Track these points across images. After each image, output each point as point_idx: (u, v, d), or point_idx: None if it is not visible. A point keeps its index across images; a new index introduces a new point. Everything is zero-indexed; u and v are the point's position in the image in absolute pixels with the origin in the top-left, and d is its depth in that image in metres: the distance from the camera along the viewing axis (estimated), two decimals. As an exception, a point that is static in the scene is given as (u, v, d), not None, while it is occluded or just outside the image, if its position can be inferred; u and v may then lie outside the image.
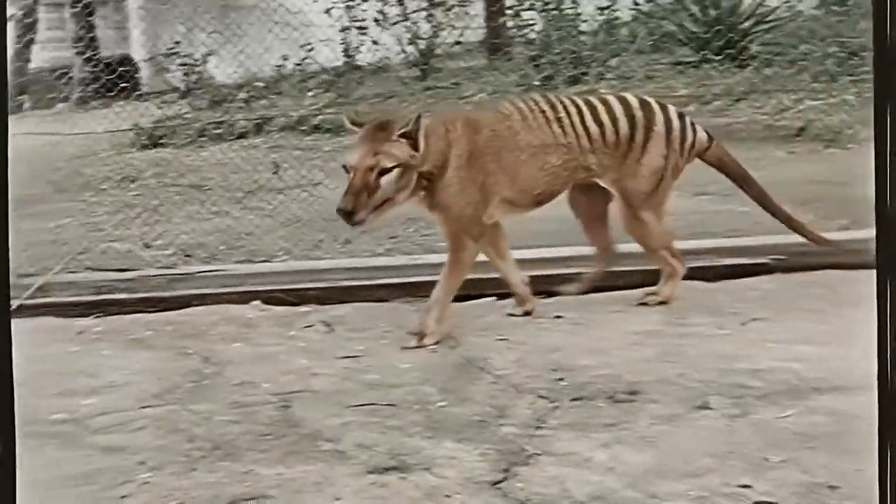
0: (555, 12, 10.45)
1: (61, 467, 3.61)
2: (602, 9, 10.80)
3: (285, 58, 11.48)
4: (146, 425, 3.92)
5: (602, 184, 5.01)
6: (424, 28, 11.41)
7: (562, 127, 4.92)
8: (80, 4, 13.02)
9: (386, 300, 5.37)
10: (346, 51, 11.19)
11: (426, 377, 4.29)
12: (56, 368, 4.56)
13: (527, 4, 10.75)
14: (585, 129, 4.95)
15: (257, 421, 3.93)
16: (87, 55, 12.51)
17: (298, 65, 11.46)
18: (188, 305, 5.17)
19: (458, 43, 11.63)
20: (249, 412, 4.01)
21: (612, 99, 5.12)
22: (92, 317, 5.27)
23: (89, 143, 7.80)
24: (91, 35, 13.01)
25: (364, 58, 11.37)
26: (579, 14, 10.54)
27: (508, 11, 11.19)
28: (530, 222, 5.19)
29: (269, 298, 5.31)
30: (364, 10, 11.12)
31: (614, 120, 5.00)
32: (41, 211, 7.11)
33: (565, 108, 4.98)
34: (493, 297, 5.30)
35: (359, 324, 4.97)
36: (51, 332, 5.08)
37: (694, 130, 5.15)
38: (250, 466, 3.55)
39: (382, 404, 4.03)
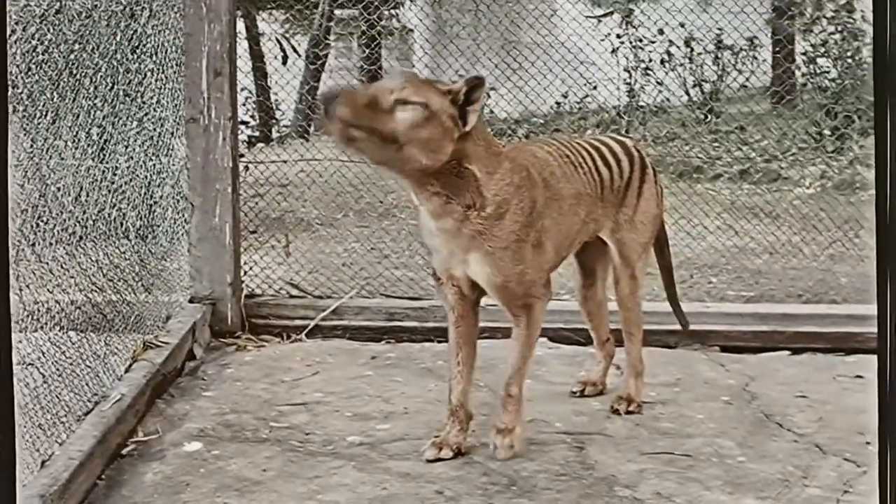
0: (851, 61, 10.14)
1: (359, 490, 3.67)
2: (901, 59, 10.42)
3: (565, 95, 11.50)
4: (440, 455, 3.93)
5: (604, 237, 4.31)
6: (709, 71, 11.24)
7: (584, 174, 4.15)
8: (369, 35, 13.39)
9: (675, 347, 5.27)
10: (629, 91, 11.13)
11: (722, 430, 4.17)
12: (351, 390, 4.65)
13: (822, 52, 10.46)
14: (599, 175, 4.21)
15: (552, 460, 3.89)
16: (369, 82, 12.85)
17: (578, 103, 11.47)
18: (480, 336, 5.17)
19: (743, 87, 11.40)
20: (543, 450, 3.98)
21: (607, 140, 4.40)
22: (383, 342, 5.37)
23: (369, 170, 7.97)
24: (377, 66, 13.36)
25: (646, 98, 11.27)
26: (878, 63, 10.19)
27: (802, 57, 10.91)
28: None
29: (556, 336, 5.29)
30: (650, 52, 11.03)
31: (618, 161, 4.30)
32: (332, 234, 7.30)
33: (579, 152, 4.20)
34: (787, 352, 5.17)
35: (650, 369, 4.88)
36: (345, 354, 5.19)
37: None
38: (544, 505, 3.53)
39: (679, 453, 3.94)
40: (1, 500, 1.85)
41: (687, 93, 11.33)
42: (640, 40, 10.88)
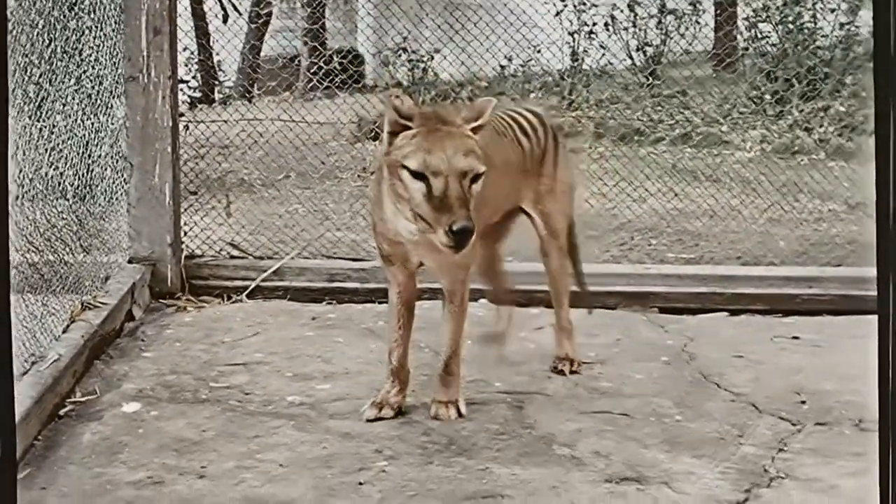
0: (791, 26, 10.18)
1: (298, 450, 3.67)
2: (842, 24, 10.47)
3: (509, 58, 11.49)
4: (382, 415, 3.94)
5: (526, 208, 4.35)
6: (652, 35, 11.27)
7: (508, 144, 4.21)
8: (313, -5, 13.29)
9: (615, 308, 5.30)
10: (573, 54, 11.14)
11: (661, 390, 4.21)
12: (291, 351, 4.64)
13: (763, 16, 10.50)
14: (521, 145, 4.27)
15: (490, 419, 3.91)
16: (315, 46, 12.79)
17: (522, 65, 11.46)
18: (419, 299, 5.18)
19: (686, 52, 11.44)
20: (482, 410, 4.00)
21: (522, 110, 4.41)
22: (324, 303, 5.37)
23: (322, 132, 7.91)
24: (320, 26, 13.28)
25: (590, 62, 11.29)
26: (818, 28, 10.25)
27: (744, 22, 10.95)
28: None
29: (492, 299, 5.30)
30: (593, 16, 11.04)
31: (535, 131, 4.32)
32: (274, 195, 7.27)
33: (501, 122, 4.22)
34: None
35: (590, 330, 4.90)
36: (286, 314, 5.17)
37: None
38: (486, 464, 3.54)
39: (617, 413, 3.98)
40: (1, 500, 1.86)
41: (630, 56, 11.36)
42: (584, 3, 10.89)
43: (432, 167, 3.53)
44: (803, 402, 4.05)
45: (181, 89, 8.08)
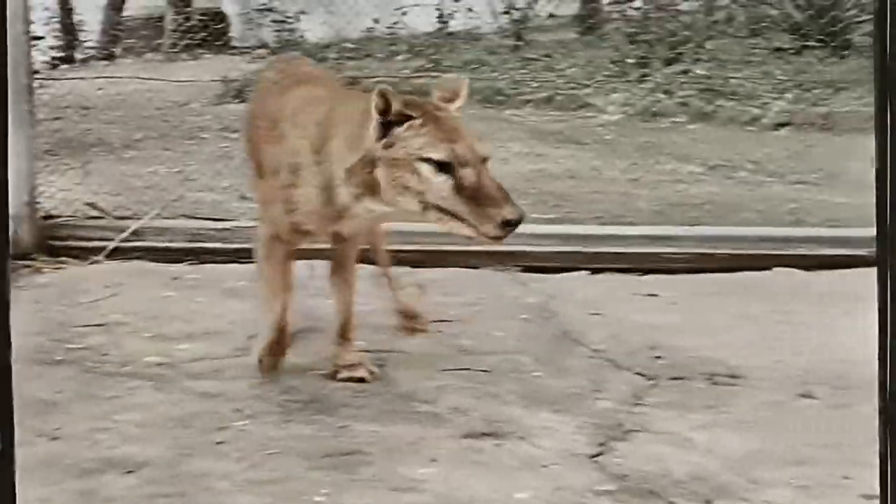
0: (655, -10, 10.36)
1: (157, 410, 3.63)
2: (704, -10, 10.69)
3: (376, 20, 11.47)
4: (241, 374, 3.92)
5: None
6: (519, -1, 11.35)
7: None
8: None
9: (477, 267, 5.33)
10: (439, 17, 11.14)
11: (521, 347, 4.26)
12: (151, 312, 4.58)
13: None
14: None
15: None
16: (180, 6, 12.59)
17: (389, 28, 11.43)
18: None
19: (552, 16, 11.55)
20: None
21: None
22: (186, 263, 5.29)
23: (184, 92, 7.82)
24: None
25: (456, 25, 11.32)
26: (680, -7, 10.44)
27: (606, -13, 11.11)
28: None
29: (361, 258, 5.28)
30: (460, -23, 11.06)
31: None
32: (136, 156, 7.15)
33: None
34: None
35: (452, 289, 4.93)
36: (146, 275, 5.10)
37: None
38: (346, 422, 3.54)
39: (477, 369, 4.01)
40: (2, 499, 1.82)
41: (496, 20, 11.40)
42: (450, -35, 10.91)
43: (461, 157, 3.35)
44: (659, 358, 4.13)
45: (40, 48, 7.88)
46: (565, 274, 5.26)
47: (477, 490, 3.13)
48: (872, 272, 5.54)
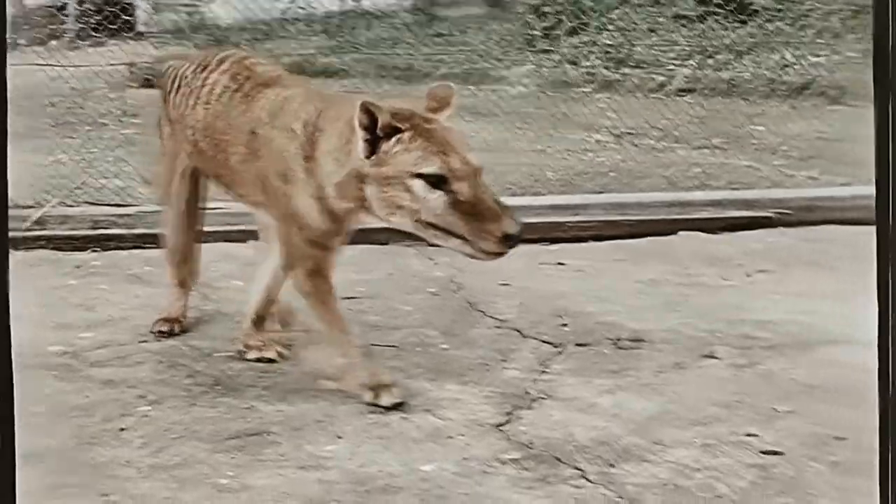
0: (559, -39, 10.35)
1: (60, 399, 3.58)
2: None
3: (291, 1, 11.38)
4: (145, 360, 3.88)
5: None
6: (428, -27, 11.32)
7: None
8: (80, -61, 12.85)
9: (386, 243, 5.31)
10: (351, -5, 11.10)
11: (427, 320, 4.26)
12: (53, 301, 4.52)
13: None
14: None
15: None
16: (86, -7, 12.39)
17: (303, 8, 11.35)
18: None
19: (462, -10, 11.55)
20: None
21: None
22: (89, 251, 5.22)
23: (88, 79, 7.69)
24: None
25: (368, 3, 11.27)
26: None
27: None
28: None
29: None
30: (370, -46, 11.01)
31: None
32: (39, 145, 7.02)
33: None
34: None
35: (360, 266, 4.91)
36: (48, 264, 5.02)
37: None
38: (251, 402, 3.52)
39: (384, 345, 4.00)
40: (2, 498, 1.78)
41: (406, -4, 11.36)
42: (360, -55, 10.85)
43: (456, 171, 3.18)
44: (565, 325, 4.15)
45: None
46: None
47: (383, 464, 3.13)
48: (774, 232, 5.63)
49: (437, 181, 3.17)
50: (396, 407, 3.45)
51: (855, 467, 3.03)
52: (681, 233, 5.32)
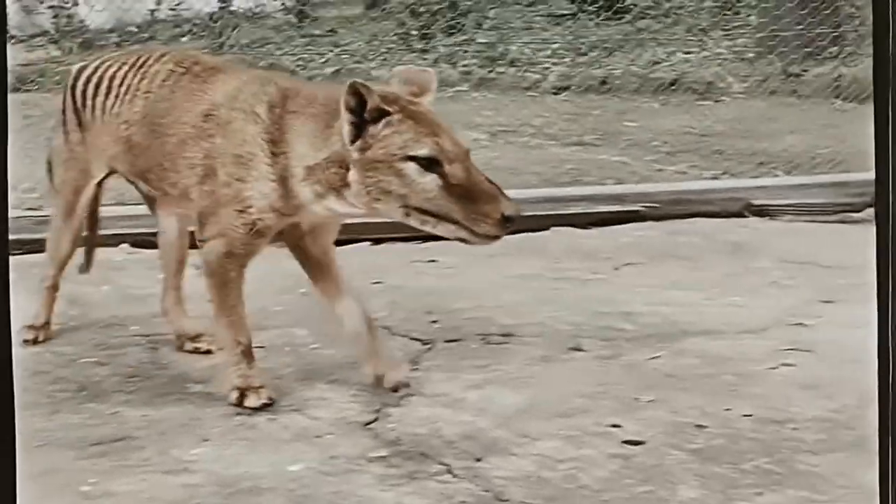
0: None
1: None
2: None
3: (158, 2, 11.26)
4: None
5: None
6: (299, -26, 11.28)
7: None
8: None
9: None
10: (220, -5, 11.00)
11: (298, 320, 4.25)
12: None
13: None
14: None
15: (124, 363, 3.85)
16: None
17: (172, 9, 11.23)
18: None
19: (334, -10, 11.53)
20: (116, 354, 3.93)
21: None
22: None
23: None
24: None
25: (238, 3, 11.19)
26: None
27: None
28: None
29: (138, 241, 5.18)
30: (238, -46, 10.94)
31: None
32: None
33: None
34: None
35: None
36: None
37: None
38: (117, 408, 3.48)
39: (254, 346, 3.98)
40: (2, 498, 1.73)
41: (279, -3, 11.32)
42: (231, -55, 10.78)
43: (449, 153, 3.13)
44: (435, 322, 4.17)
45: None
46: (347, 246, 5.25)
47: (250, 466, 3.12)
48: (644, 225, 5.70)
49: (428, 164, 3.13)
50: (264, 407, 3.44)
51: (715, 455, 3.11)
52: (553, 228, 5.37)
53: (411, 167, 3.14)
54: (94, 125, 3.82)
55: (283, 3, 11.42)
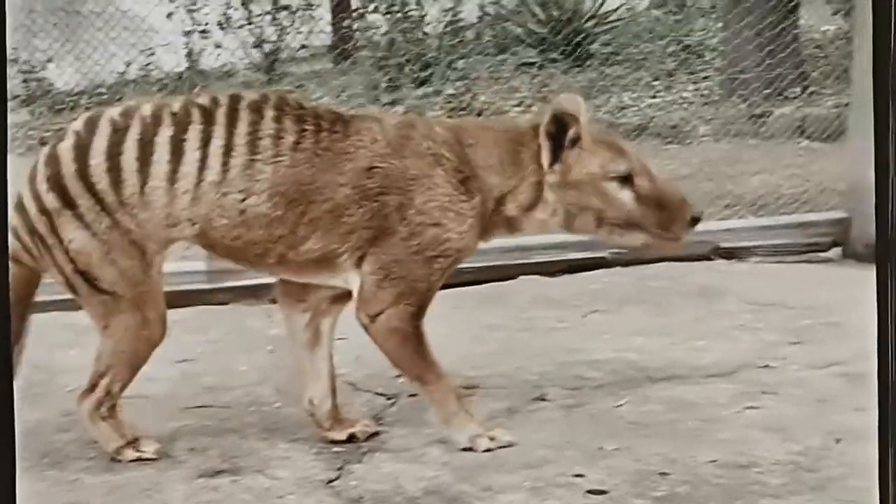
0: (399, 15, 10.42)
1: None
2: (446, 10, 10.82)
3: (128, 63, 11.28)
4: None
5: None
6: (269, 32, 11.30)
7: None
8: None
9: (226, 303, 5.27)
10: (189, 55, 11.03)
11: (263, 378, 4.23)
12: None
13: (371, 7, 10.72)
14: None
15: (84, 429, 3.81)
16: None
17: (141, 70, 11.27)
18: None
19: (303, 47, 11.54)
20: (78, 420, 3.88)
21: None
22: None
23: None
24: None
25: (208, 62, 11.22)
26: (424, 16, 10.53)
27: (354, 14, 11.14)
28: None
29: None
30: (207, 14, 10.97)
31: None
32: None
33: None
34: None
35: (196, 327, 4.86)
36: None
37: None
38: (77, 475, 3.45)
39: (218, 406, 3.96)
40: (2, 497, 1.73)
41: (247, 55, 11.35)
42: (195, 3, 10.80)
43: (635, 168, 3.42)
44: (399, 376, 4.14)
45: None
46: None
47: (212, 529, 3.09)
48: (611, 272, 5.68)
49: (624, 179, 3.38)
50: (224, 470, 3.42)
51: (679, 502, 3.09)
52: (521, 277, 5.37)
53: (613, 185, 3.39)
54: (133, 201, 3.40)
55: (250, 62, 11.45)
